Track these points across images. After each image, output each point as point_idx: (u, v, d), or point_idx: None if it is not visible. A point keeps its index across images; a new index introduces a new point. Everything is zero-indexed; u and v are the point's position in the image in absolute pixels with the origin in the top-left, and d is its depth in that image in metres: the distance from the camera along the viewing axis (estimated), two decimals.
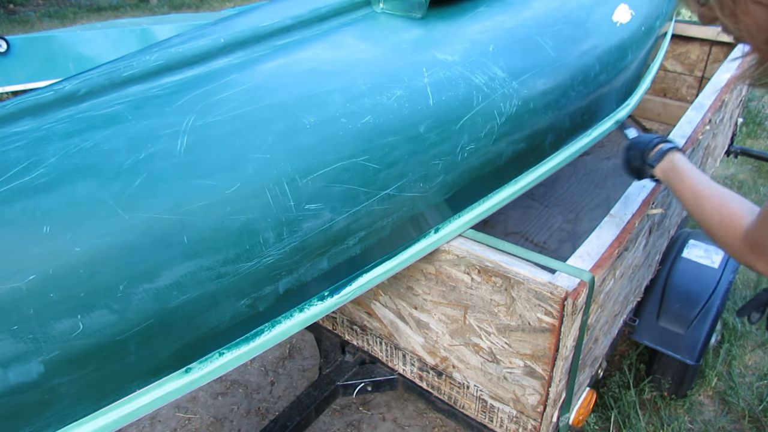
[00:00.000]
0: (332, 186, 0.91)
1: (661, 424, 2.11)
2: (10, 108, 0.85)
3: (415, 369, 1.49)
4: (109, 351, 0.74)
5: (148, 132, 0.84)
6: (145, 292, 0.75)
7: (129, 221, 0.74)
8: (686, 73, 2.81)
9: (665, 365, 2.12)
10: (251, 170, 0.85)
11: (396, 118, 1.01)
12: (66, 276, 0.70)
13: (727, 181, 3.75)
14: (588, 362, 1.41)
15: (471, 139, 1.11)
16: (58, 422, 0.74)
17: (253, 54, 1.09)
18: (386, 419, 2.21)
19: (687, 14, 6.06)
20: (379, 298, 1.43)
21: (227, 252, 0.81)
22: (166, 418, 2.22)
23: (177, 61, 1.01)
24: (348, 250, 0.98)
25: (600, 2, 1.57)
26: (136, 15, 8.78)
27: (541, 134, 1.29)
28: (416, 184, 1.04)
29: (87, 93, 0.91)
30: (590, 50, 1.41)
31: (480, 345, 1.26)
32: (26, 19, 8.62)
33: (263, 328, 0.92)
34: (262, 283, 0.87)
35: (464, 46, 1.21)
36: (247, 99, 0.93)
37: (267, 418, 2.22)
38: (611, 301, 1.40)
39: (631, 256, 1.39)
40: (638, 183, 1.40)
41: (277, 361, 2.50)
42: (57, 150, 0.78)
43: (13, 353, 0.67)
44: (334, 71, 1.05)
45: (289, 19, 1.19)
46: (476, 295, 1.19)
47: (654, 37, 1.74)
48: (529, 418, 1.27)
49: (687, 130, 1.66)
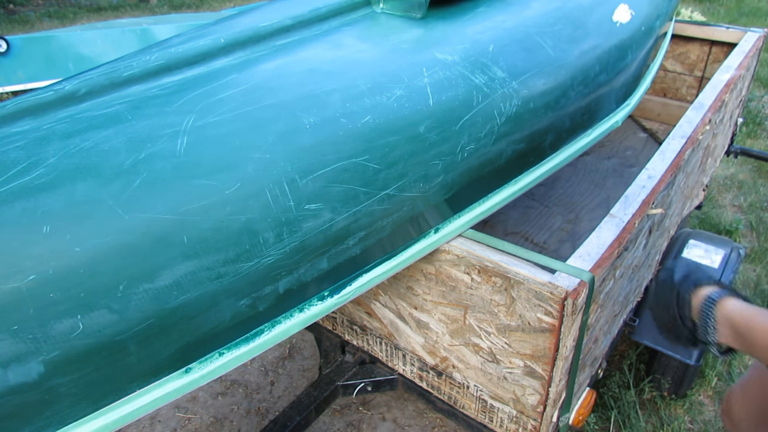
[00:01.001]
0: (332, 186, 0.91)
1: (661, 424, 2.11)
2: (10, 108, 0.85)
3: (415, 369, 1.49)
4: (109, 351, 0.74)
5: (148, 132, 0.84)
6: (145, 292, 0.75)
7: (129, 221, 0.74)
8: (686, 73, 2.81)
9: (665, 365, 2.12)
10: (251, 170, 0.85)
11: (396, 118, 1.01)
12: (66, 276, 0.70)
13: (727, 181, 3.75)
14: (588, 362, 1.41)
15: (471, 139, 1.11)
16: (58, 422, 0.74)
17: (253, 54, 1.09)
18: (386, 419, 2.21)
19: (687, 14, 6.07)
20: (379, 298, 1.43)
21: (227, 252, 0.81)
22: (166, 418, 2.22)
23: (177, 61, 1.01)
24: (348, 250, 0.98)
25: (600, 2, 1.57)
26: (136, 15, 8.78)
27: (541, 134, 1.29)
28: (416, 184, 1.04)
29: (87, 93, 0.91)
30: (590, 50, 1.41)
31: (480, 345, 1.26)
32: (26, 19, 8.61)
33: (263, 328, 0.92)
34: (262, 283, 0.87)
35: (464, 46, 1.21)
36: (247, 99, 0.93)
37: (267, 418, 2.22)
38: (611, 301, 1.40)
39: (631, 256, 1.39)
40: (638, 183, 1.40)
41: (277, 361, 2.50)
42: (57, 150, 0.78)
43: (13, 353, 0.67)
44: (334, 71, 1.05)
45: (289, 19, 1.19)
46: (476, 295, 1.19)
47: (654, 37, 1.74)
48: (529, 418, 1.27)
49: (687, 130, 1.66)
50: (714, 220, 3.30)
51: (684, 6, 7.13)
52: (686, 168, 1.75)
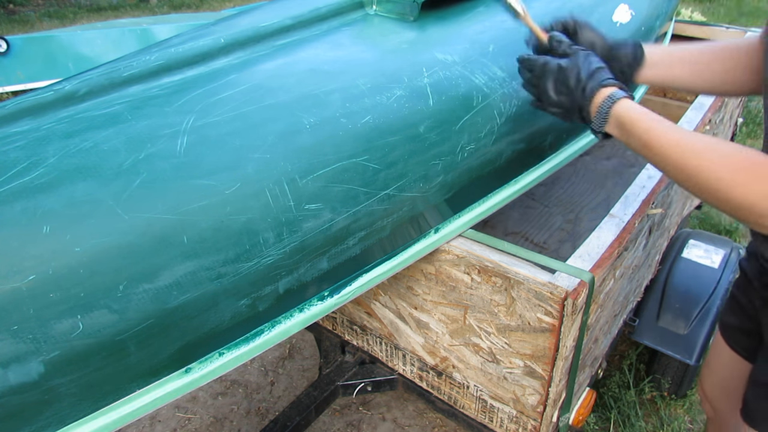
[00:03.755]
0: (332, 186, 0.91)
1: (661, 424, 2.11)
2: (10, 108, 0.85)
3: (415, 369, 1.49)
4: (109, 351, 0.74)
5: (148, 132, 0.84)
6: (145, 292, 0.75)
7: (129, 221, 0.74)
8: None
9: (665, 365, 2.12)
10: (251, 170, 0.85)
11: (396, 118, 1.01)
12: (66, 276, 0.70)
13: None
14: (588, 362, 1.41)
15: (471, 139, 1.11)
16: (58, 422, 0.74)
17: (253, 54, 1.09)
18: (386, 419, 2.21)
19: (687, 14, 6.07)
20: (379, 298, 1.43)
21: (227, 252, 0.81)
22: (166, 418, 2.22)
23: (177, 61, 1.01)
24: (348, 250, 0.98)
25: (600, 2, 1.56)
26: (136, 15, 8.78)
27: (541, 134, 1.29)
28: (416, 184, 1.04)
29: (87, 93, 0.91)
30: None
31: (480, 345, 1.26)
32: (26, 19, 8.62)
33: (263, 328, 0.92)
34: (262, 283, 0.87)
35: (464, 46, 1.21)
36: (247, 99, 0.93)
37: (267, 418, 2.22)
38: (611, 301, 1.40)
39: (631, 256, 1.39)
40: (638, 183, 1.40)
41: (277, 361, 2.50)
42: (57, 150, 0.78)
43: (13, 353, 0.67)
44: (334, 71, 1.05)
45: (289, 19, 1.19)
46: (476, 295, 1.19)
47: (654, 37, 1.74)
48: (529, 418, 1.27)
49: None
50: (714, 220, 3.30)
51: (684, 6, 7.12)
52: None
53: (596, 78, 0.95)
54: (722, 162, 0.80)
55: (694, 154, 0.82)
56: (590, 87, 0.95)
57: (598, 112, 0.95)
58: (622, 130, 0.92)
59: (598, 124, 0.95)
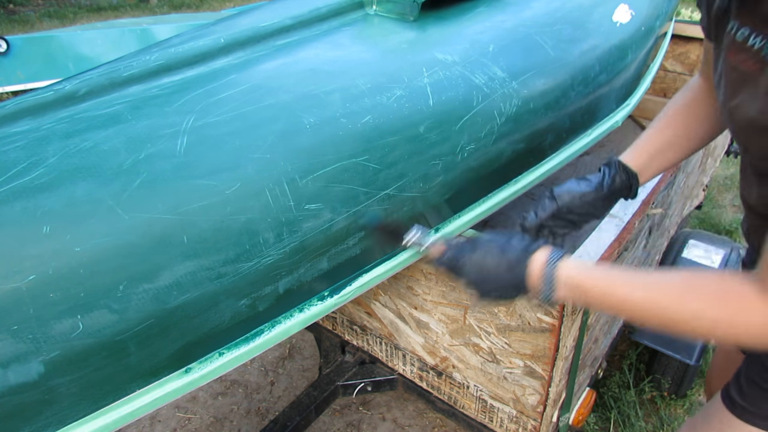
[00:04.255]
0: (332, 186, 0.91)
1: (661, 424, 2.11)
2: (10, 108, 0.85)
3: (415, 369, 1.49)
4: (109, 351, 0.74)
5: (148, 132, 0.84)
6: (145, 292, 0.75)
7: (129, 221, 0.74)
8: (686, 73, 2.81)
9: (665, 365, 2.12)
10: (251, 170, 0.85)
11: (396, 118, 1.01)
12: (66, 276, 0.70)
13: (728, 181, 3.75)
14: (588, 362, 1.41)
15: (471, 139, 1.11)
16: (58, 422, 0.74)
17: (253, 54, 1.09)
18: (386, 419, 2.21)
19: (687, 14, 6.06)
20: (379, 298, 1.43)
21: (227, 252, 0.81)
22: (166, 418, 2.22)
23: (177, 61, 1.01)
24: (348, 250, 0.98)
25: (600, 2, 1.57)
26: (136, 15, 8.78)
27: (541, 134, 1.29)
28: (416, 184, 1.04)
29: (87, 93, 0.91)
30: (590, 50, 1.41)
31: (480, 345, 1.26)
32: (26, 19, 8.62)
33: (263, 328, 0.92)
34: (262, 283, 0.87)
35: (464, 46, 1.21)
36: (247, 99, 0.93)
37: (267, 418, 2.22)
38: None
39: (631, 256, 1.39)
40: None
41: (277, 361, 2.50)
42: (57, 150, 0.78)
43: (13, 353, 0.67)
44: (334, 71, 1.05)
45: (289, 19, 1.19)
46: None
47: (654, 37, 1.74)
48: (529, 418, 1.27)
49: None
50: (714, 220, 3.30)
51: (684, 6, 7.12)
52: (686, 168, 1.76)
53: (528, 250, 0.85)
54: (702, 308, 0.72)
55: (668, 310, 0.74)
56: (522, 260, 0.84)
57: (543, 281, 0.83)
58: (576, 293, 0.82)
59: (546, 293, 0.83)
